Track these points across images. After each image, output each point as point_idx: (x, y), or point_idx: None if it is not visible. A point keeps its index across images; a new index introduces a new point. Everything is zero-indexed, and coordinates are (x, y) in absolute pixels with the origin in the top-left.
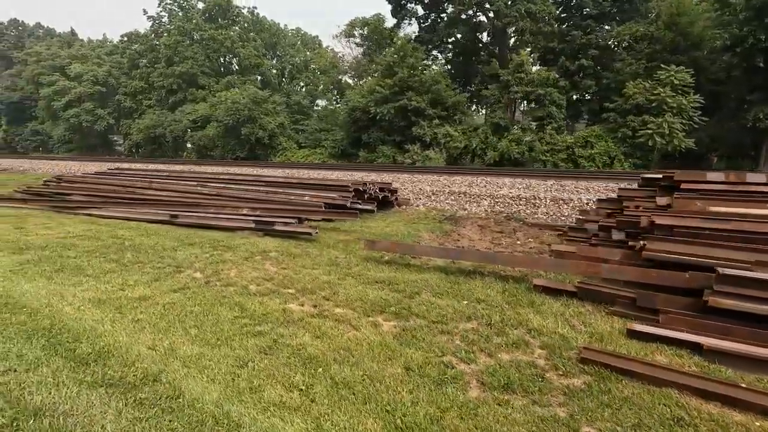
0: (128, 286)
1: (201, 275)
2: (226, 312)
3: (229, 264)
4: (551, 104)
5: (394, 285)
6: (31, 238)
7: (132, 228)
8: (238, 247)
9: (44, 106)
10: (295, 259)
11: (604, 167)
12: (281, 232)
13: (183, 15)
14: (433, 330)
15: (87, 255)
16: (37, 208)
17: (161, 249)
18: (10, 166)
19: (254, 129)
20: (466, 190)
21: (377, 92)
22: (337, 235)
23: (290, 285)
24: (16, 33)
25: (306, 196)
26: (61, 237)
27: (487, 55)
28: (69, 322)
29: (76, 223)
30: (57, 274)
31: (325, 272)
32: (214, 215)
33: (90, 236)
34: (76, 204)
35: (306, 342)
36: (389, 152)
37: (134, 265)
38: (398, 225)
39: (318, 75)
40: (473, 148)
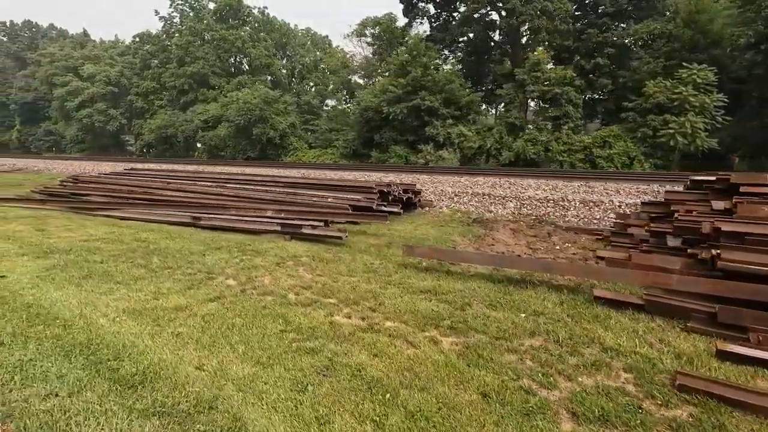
0: (162, 295)
1: (235, 282)
2: (270, 325)
3: (261, 270)
4: (568, 103)
5: (441, 295)
6: (53, 240)
7: (154, 230)
8: (267, 252)
9: (57, 107)
10: (328, 265)
11: (623, 168)
12: (308, 235)
13: (194, 15)
14: (497, 348)
15: (113, 259)
16: (56, 209)
17: (188, 253)
18: (25, 165)
19: (265, 129)
20: (489, 191)
21: (390, 92)
22: (366, 238)
23: (331, 294)
24: (30, 34)
25: (329, 198)
26: (84, 240)
27: (500, 54)
28: (106, 336)
29: (97, 224)
30: (86, 281)
31: (364, 280)
32: (237, 217)
33: (113, 239)
34: (95, 205)
35: (364, 361)
36: (402, 152)
37: (163, 270)
38: (426, 228)
39: (327, 75)
40: (488, 148)
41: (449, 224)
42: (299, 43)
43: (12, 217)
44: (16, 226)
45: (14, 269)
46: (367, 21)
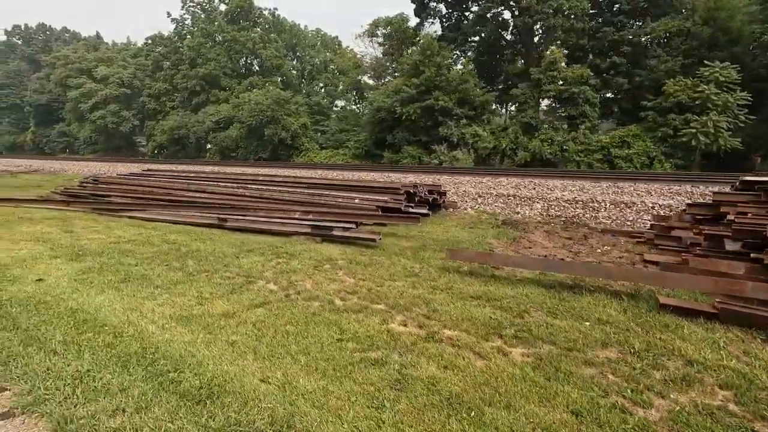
0: (205, 300)
1: (276, 287)
2: (325, 333)
3: (300, 274)
4: (585, 103)
5: (494, 301)
6: (83, 242)
7: (181, 232)
8: (301, 255)
9: (71, 108)
10: (367, 268)
11: (642, 168)
12: (340, 237)
13: (206, 17)
14: (573, 360)
15: (147, 262)
16: (80, 210)
17: (222, 256)
18: (41, 166)
19: (277, 130)
20: (513, 192)
21: (403, 92)
22: (398, 241)
23: (378, 300)
24: (44, 37)
25: (356, 199)
26: (114, 242)
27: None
28: (160, 344)
29: (123, 226)
30: (125, 285)
31: (409, 285)
32: (265, 219)
33: (142, 241)
34: (118, 206)
35: (436, 375)
36: (415, 153)
37: (200, 274)
38: (456, 230)
39: (337, 75)
40: (503, 148)
41: (478, 226)
42: (309, 44)
43: (38, 219)
44: (44, 227)
45: (50, 272)
46: (378, 21)
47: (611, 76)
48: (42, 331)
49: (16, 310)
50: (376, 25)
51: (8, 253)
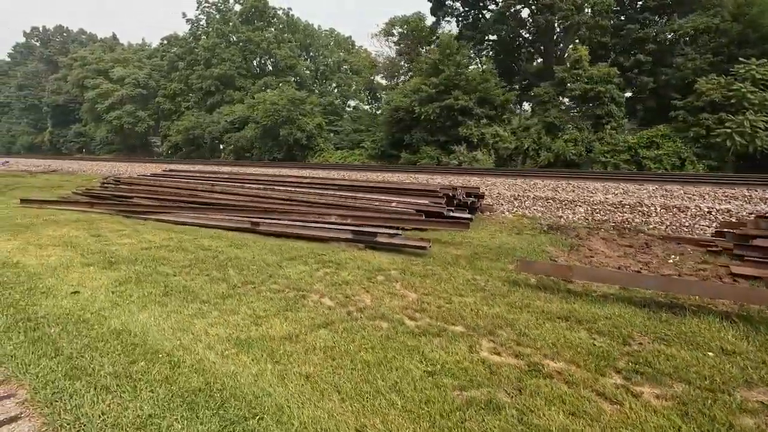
0: (261, 319)
1: (332, 302)
2: (410, 363)
3: (354, 286)
4: (611, 102)
5: (586, 323)
6: (114, 248)
7: (213, 236)
8: (347, 264)
9: (88, 109)
10: (425, 280)
11: (673, 169)
12: (385, 245)
13: (220, 17)
14: (722, 405)
15: (186, 272)
16: (104, 211)
17: (264, 264)
18: (60, 167)
19: (292, 130)
20: (551, 195)
21: (422, 91)
22: (445, 248)
23: (453, 319)
24: (61, 39)
25: (393, 202)
26: (145, 248)
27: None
28: (225, 379)
29: (151, 229)
30: (168, 299)
31: (481, 301)
32: (301, 223)
33: (175, 247)
34: (144, 208)
35: (567, 425)
36: (433, 153)
37: (245, 286)
38: (503, 236)
39: (350, 75)
40: (525, 148)
41: (524, 231)
42: (322, 44)
43: (63, 221)
44: (70, 230)
45: (85, 283)
46: (395, 20)
47: (635, 75)
48: (88, 359)
49: (55, 330)
50: (392, 24)
51: (38, 259)
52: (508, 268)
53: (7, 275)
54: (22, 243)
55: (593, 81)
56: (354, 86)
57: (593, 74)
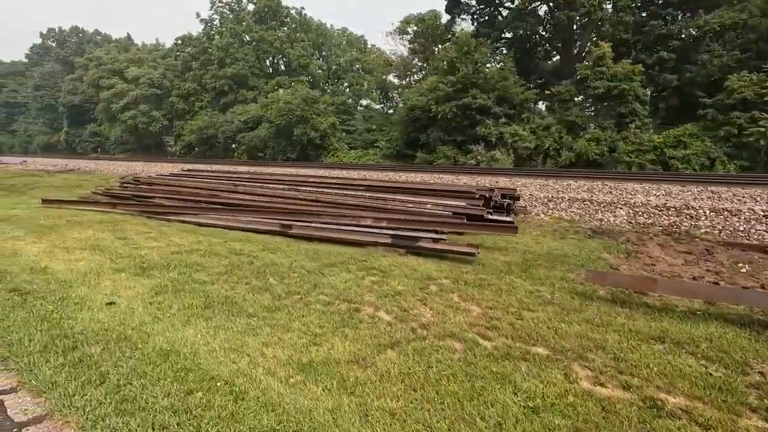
0: (318, 337)
1: (389, 317)
2: (504, 396)
3: (408, 298)
4: (635, 100)
5: (687, 346)
6: (143, 252)
7: (244, 240)
8: (392, 271)
9: (103, 108)
10: (482, 291)
11: (701, 170)
12: (428, 250)
13: (234, 17)
14: None
15: (223, 279)
16: (127, 212)
17: (304, 272)
18: (76, 166)
19: (306, 129)
20: (586, 196)
21: (438, 90)
22: (491, 254)
23: (532, 339)
24: (77, 40)
25: (428, 204)
26: (175, 251)
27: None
28: (300, 416)
29: (177, 232)
30: (211, 312)
31: (556, 317)
32: (334, 226)
33: (206, 251)
34: (166, 209)
35: None
36: (450, 153)
37: (291, 296)
38: (547, 241)
39: (362, 75)
40: (545, 148)
41: (567, 236)
42: (335, 43)
43: (86, 222)
44: (95, 232)
45: (119, 291)
46: (410, 18)
47: (657, 72)
48: (138, 387)
49: (96, 350)
50: (407, 22)
51: (66, 264)
52: (569, 278)
53: (37, 282)
54: (48, 246)
55: (617, 79)
56: (366, 85)
57: (617, 72)
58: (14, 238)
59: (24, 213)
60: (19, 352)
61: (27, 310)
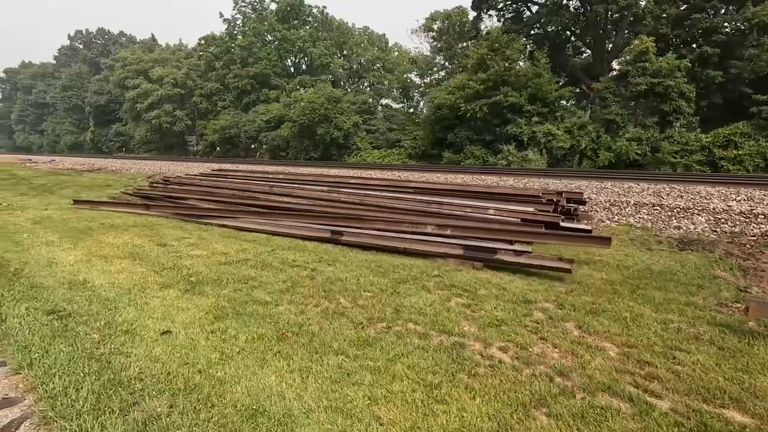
0: (438, 391)
1: (508, 357)
2: None
3: (517, 329)
4: (680, 97)
5: None
6: (187, 262)
7: (292, 248)
8: (478, 290)
9: (128, 108)
10: (601, 320)
11: (755, 171)
12: (510, 264)
13: (256, 17)
14: None
15: (287, 299)
16: (161, 214)
17: (376, 290)
18: (103, 165)
19: (329, 129)
20: (654, 200)
21: (468, 88)
22: (579, 269)
23: (715, 397)
24: (102, 41)
25: (490, 210)
26: (222, 262)
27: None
28: None
29: (218, 238)
30: (289, 348)
31: (724, 361)
32: (393, 234)
33: (256, 261)
34: (203, 212)
35: None
36: (479, 153)
37: (375, 324)
38: (636, 253)
39: (383, 74)
40: (582, 148)
41: (652, 246)
42: (356, 42)
43: (121, 226)
44: (132, 237)
45: (172, 315)
46: (436, 14)
47: (699, 69)
48: None
49: (162, 409)
50: (433, 18)
51: (106, 277)
52: (697, 303)
53: (77, 301)
54: (85, 253)
55: (660, 75)
56: (387, 84)
57: (662, 67)
58: (48, 244)
59: (56, 214)
60: (67, 410)
61: (70, 342)
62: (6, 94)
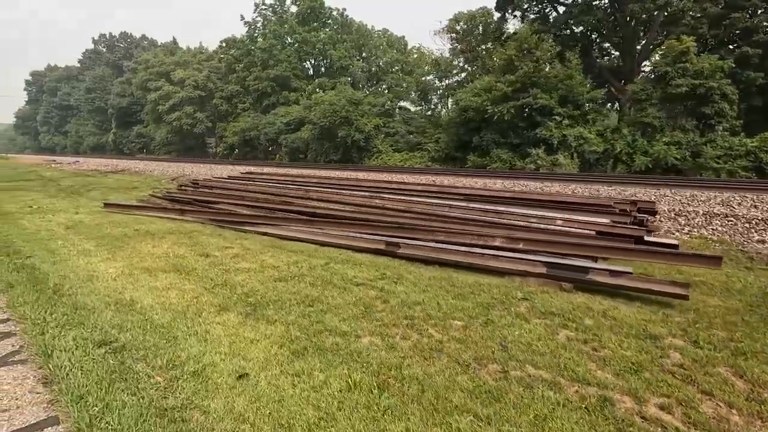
0: None
1: (678, 421)
2: None
3: (665, 378)
4: (722, 99)
5: None
6: (238, 278)
7: (347, 261)
8: (581, 319)
9: (150, 110)
10: (757, 363)
11: None
12: (604, 286)
13: (277, 19)
14: None
15: (367, 329)
16: (196, 220)
17: (464, 317)
18: (126, 167)
19: (350, 131)
20: (725, 211)
21: (496, 90)
22: None
23: None
24: (125, 45)
25: (557, 220)
26: (277, 278)
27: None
28: None
29: (262, 247)
30: (398, 404)
31: None
32: (459, 248)
33: (313, 277)
34: (241, 218)
35: None
36: (506, 156)
37: (486, 366)
38: (738, 273)
39: (402, 76)
40: (616, 152)
41: (747, 264)
42: (375, 45)
43: (157, 232)
44: (171, 246)
45: (241, 348)
46: (460, 16)
47: (739, 70)
48: None
49: None
50: (457, 20)
51: (154, 295)
52: None
53: (129, 328)
54: (126, 265)
55: (702, 76)
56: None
57: (704, 68)
58: (85, 254)
59: (88, 219)
60: None
61: (131, 389)
62: (32, 97)
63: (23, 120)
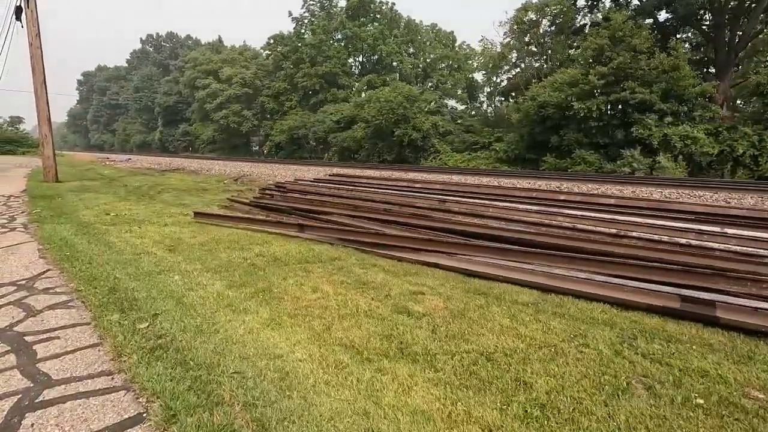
0: None
1: None
2: None
3: None
4: None
5: None
6: (504, 366)
7: (599, 322)
8: None
9: (197, 108)
10: None
11: None
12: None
13: (325, 14)
14: None
15: None
16: (321, 238)
17: None
18: (180, 165)
19: (407, 130)
20: None
21: (583, 83)
22: None
23: None
24: (171, 44)
25: None
26: (553, 373)
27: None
28: None
29: (463, 294)
30: None
31: None
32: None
33: (598, 375)
34: (392, 241)
35: None
36: (591, 158)
37: None
38: None
39: (451, 72)
40: (737, 155)
41: None
42: (424, 40)
43: (288, 260)
44: (338, 290)
45: None
46: (528, 5)
47: None
48: None
49: None
50: (526, 9)
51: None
52: None
53: None
54: (309, 339)
55: None
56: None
57: None
58: (231, 308)
59: (185, 233)
60: None
61: None
62: (83, 96)
63: (74, 118)
